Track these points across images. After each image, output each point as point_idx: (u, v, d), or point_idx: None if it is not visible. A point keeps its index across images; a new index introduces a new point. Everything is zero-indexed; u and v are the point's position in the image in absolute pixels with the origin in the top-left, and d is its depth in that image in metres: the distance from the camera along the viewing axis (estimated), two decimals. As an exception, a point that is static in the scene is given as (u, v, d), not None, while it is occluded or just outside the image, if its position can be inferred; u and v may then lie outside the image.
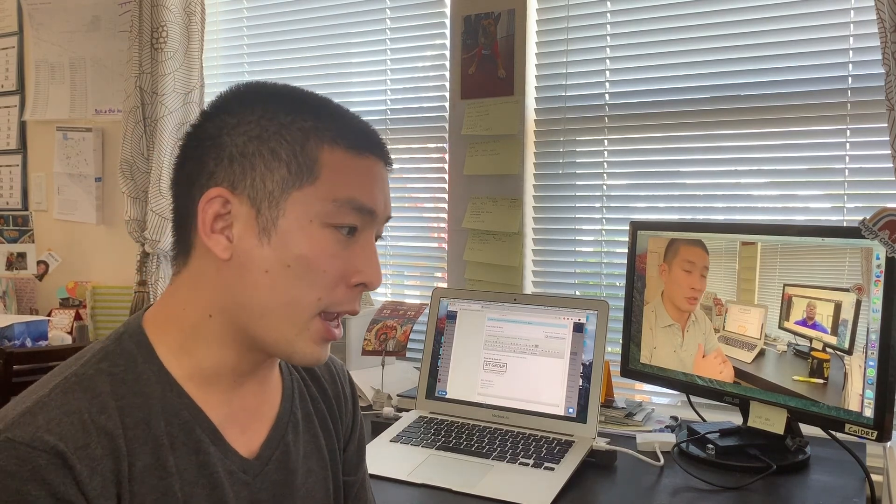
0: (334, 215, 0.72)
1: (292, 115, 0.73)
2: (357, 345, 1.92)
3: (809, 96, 1.70)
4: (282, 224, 0.71)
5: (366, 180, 0.75)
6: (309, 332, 0.73)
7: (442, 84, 2.15)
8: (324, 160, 0.72)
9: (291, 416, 0.84)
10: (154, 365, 0.73)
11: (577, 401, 1.47)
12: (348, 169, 0.74)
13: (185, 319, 0.75)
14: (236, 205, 0.72)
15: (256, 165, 0.72)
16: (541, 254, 2.03)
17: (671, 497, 1.28)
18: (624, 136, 1.91)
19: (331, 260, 0.72)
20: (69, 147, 2.79)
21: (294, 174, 0.72)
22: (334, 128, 0.74)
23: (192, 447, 0.72)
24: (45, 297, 2.82)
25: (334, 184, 0.72)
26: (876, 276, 1.27)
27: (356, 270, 0.74)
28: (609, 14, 1.91)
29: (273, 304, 0.72)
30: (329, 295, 0.73)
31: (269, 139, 0.72)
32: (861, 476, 1.34)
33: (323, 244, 0.72)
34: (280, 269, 0.71)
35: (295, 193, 0.72)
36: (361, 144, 0.75)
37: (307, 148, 0.72)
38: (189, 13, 2.36)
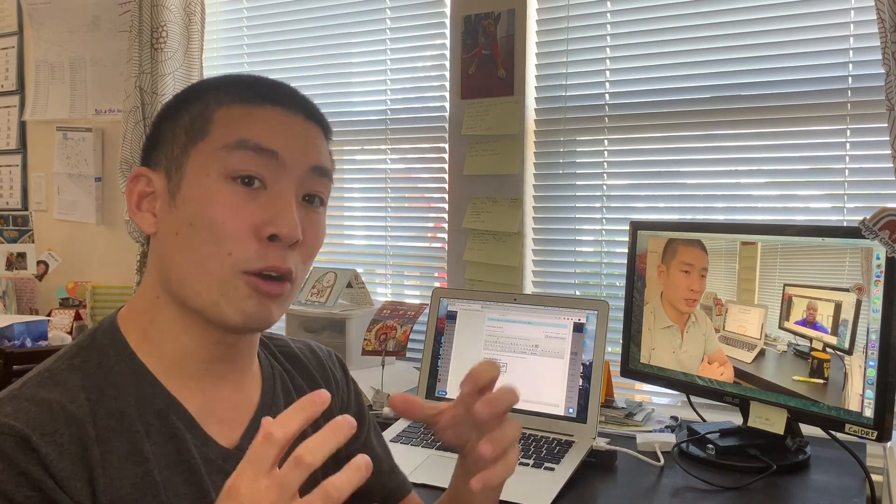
0: (230, 163, 0.71)
1: (202, 90, 0.77)
2: (357, 345, 1.92)
3: (809, 96, 1.70)
4: (184, 185, 0.73)
5: (262, 123, 0.73)
6: (236, 291, 0.71)
7: (442, 84, 2.15)
8: (218, 117, 0.74)
9: (273, 406, 0.84)
10: (126, 357, 0.74)
11: (577, 401, 1.47)
12: (241, 117, 0.74)
13: (143, 306, 0.77)
14: (156, 180, 0.75)
15: (167, 139, 0.75)
16: (541, 254, 2.03)
17: (671, 497, 1.28)
18: (624, 136, 1.91)
19: (230, 211, 0.71)
20: (69, 147, 2.79)
21: (190, 135, 0.74)
22: (235, 91, 0.75)
23: (167, 434, 0.72)
24: (45, 297, 2.82)
25: (224, 132, 0.73)
26: (876, 276, 1.27)
27: (266, 221, 0.71)
28: (609, 14, 1.91)
29: (187, 266, 0.72)
30: (239, 249, 0.71)
31: (176, 114, 0.76)
32: (861, 476, 1.34)
33: (221, 196, 0.71)
34: (186, 228, 0.72)
35: (192, 152, 0.73)
36: (260, 96, 0.75)
37: (205, 112, 0.74)
38: (189, 13, 2.36)
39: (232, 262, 0.71)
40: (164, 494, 0.70)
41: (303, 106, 0.78)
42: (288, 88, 0.78)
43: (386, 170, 2.27)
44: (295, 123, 0.76)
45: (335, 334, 1.97)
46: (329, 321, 1.99)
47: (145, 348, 0.75)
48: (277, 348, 0.91)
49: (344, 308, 2.03)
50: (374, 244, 2.30)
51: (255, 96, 0.75)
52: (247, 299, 0.72)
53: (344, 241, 2.37)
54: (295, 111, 0.76)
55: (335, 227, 2.38)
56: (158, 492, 0.70)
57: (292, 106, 0.76)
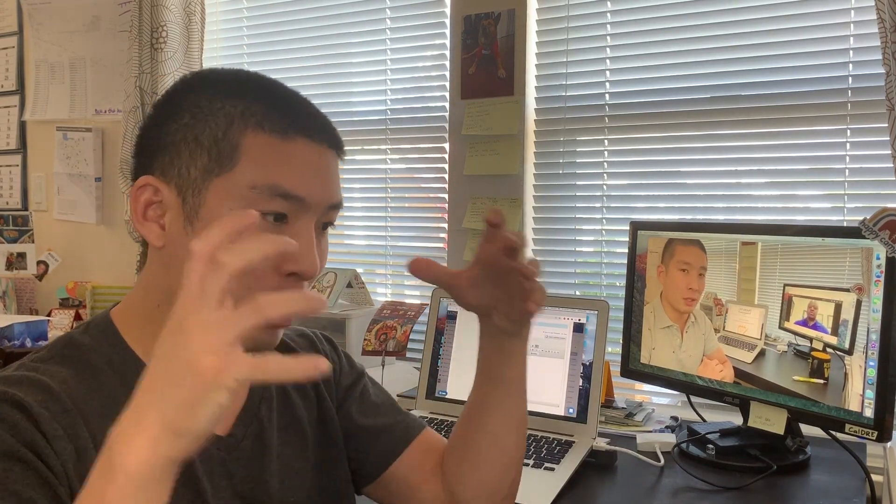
0: (255, 203, 0.70)
1: (222, 100, 0.72)
2: (357, 345, 1.92)
3: (809, 96, 1.70)
4: (203, 213, 0.71)
5: (291, 165, 0.72)
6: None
7: (442, 84, 2.15)
8: (245, 146, 0.71)
9: (265, 392, 0.85)
10: (120, 348, 0.75)
11: (577, 401, 1.47)
12: (271, 154, 0.71)
13: (142, 308, 0.77)
14: (166, 193, 0.72)
15: (182, 153, 0.72)
16: (541, 254, 2.03)
17: (671, 497, 1.28)
18: (624, 136, 1.91)
19: None
20: (69, 147, 2.79)
21: (214, 161, 0.71)
22: (261, 112, 0.72)
23: None
24: (45, 297, 2.82)
25: (255, 170, 0.70)
26: (876, 276, 1.27)
27: (288, 259, 0.71)
28: (609, 14, 1.91)
29: None
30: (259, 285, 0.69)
31: (196, 126, 0.72)
32: (861, 476, 1.34)
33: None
34: None
35: (215, 181, 0.71)
36: (289, 127, 0.72)
37: (229, 134, 0.71)
38: (189, 13, 2.36)
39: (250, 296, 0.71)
40: None
41: (328, 134, 0.76)
42: (316, 114, 0.76)
43: (386, 170, 2.27)
44: (321, 158, 0.75)
45: (335, 334, 1.96)
46: (329, 321, 1.99)
47: (141, 345, 0.76)
48: None
49: (344, 308, 2.03)
50: (374, 244, 2.30)
51: (284, 125, 0.72)
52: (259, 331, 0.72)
53: (344, 241, 2.37)
54: (321, 141, 0.75)
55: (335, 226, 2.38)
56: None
57: (320, 136, 0.75)
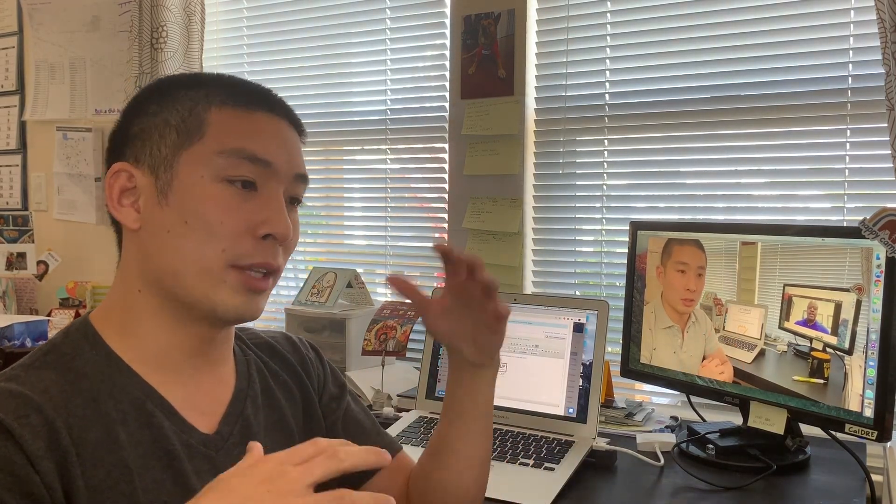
0: (225, 168, 0.75)
1: (185, 90, 0.78)
2: (357, 345, 1.92)
3: (809, 96, 1.69)
4: (176, 184, 0.75)
5: (256, 132, 0.77)
6: (226, 285, 0.75)
7: (442, 84, 2.15)
8: (211, 119, 0.76)
9: (250, 390, 0.86)
10: (102, 350, 0.76)
11: (577, 401, 1.47)
12: (236, 123, 0.76)
13: (122, 300, 0.78)
14: (139, 177, 0.77)
15: (153, 136, 0.77)
16: (541, 254, 2.03)
17: (671, 497, 1.28)
18: (624, 136, 1.91)
19: (227, 212, 0.74)
20: (69, 147, 2.79)
21: (183, 136, 0.76)
22: (224, 92, 0.78)
23: (143, 421, 0.74)
24: (45, 297, 2.82)
25: (221, 137, 0.75)
26: (876, 276, 1.27)
27: (262, 221, 0.75)
28: (609, 14, 1.91)
29: (181, 261, 0.74)
30: (234, 246, 0.74)
31: (162, 112, 0.77)
32: (861, 476, 1.34)
33: (217, 197, 0.74)
34: (179, 226, 0.74)
35: (185, 153, 0.75)
36: (252, 101, 0.78)
37: (195, 111, 0.76)
38: (189, 13, 2.36)
39: (225, 258, 0.74)
40: (140, 480, 0.71)
41: (286, 112, 0.82)
42: (272, 93, 0.82)
43: (386, 170, 2.27)
44: (283, 130, 0.80)
45: (335, 334, 1.97)
46: (329, 321, 1.99)
47: (123, 343, 0.77)
48: (249, 339, 0.94)
49: (344, 308, 2.03)
50: (374, 244, 2.30)
51: (247, 101, 0.78)
52: (237, 295, 0.76)
53: (344, 241, 2.37)
54: (281, 117, 0.80)
55: (335, 227, 2.38)
56: (132, 478, 0.71)
57: (279, 112, 0.80)
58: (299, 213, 0.84)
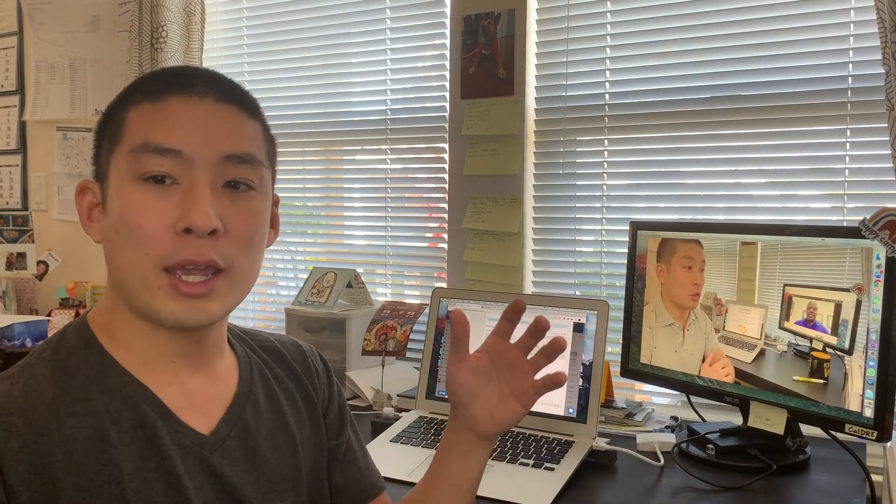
0: (136, 167, 0.72)
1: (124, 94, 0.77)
2: (357, 345, 1.92)
3: (809, 96, 1.69)
4: (109, 192, 0.75)
5: (164, 121, 0.73)
6: (161, 292, 0.73)
7: (442, 84, 2.15)
8: (128, 119, 0.75)
9: (251, 394, 0.85)
10: (96, 350, 0.76)
11: (577, 401, 1.47)
12: (145, 118, 0.74)
13: (107, 309, 0.79)
14: (97, 191, 0.77)
15: (99, 149, 0.78)
16: (541, 254, 2.03)
17: (671, 497, 1.28)
18: (624, 136, 1.91)
19: (142, 213, 0.72)
20: (69, 147, 2.79)
21: (109, 142, 0.76)
22: (141, 87, 0.76)
23: (136, 421, 0.73)
24: (45, 297, 2.82)
25: (132, 135, 0.74)
26: (876, 276, 1.27)
27: (178, 217, 0.72)
28: (609, 14, 1.91)
29: (122, 271, 0.74)
30: (155, 248, 0.72)
31: (104, 122, 0.77)
32: (861, 476, 1.34)
33: (135, 198, 0.72)
34: (114, 234, 0.74)
35: (112, 159, 0.75)
36: (162, 90, 0.74)
37: (117, 115, 0.76)
38: (189, 13, 2.36)
39: (151, 262, 0.72)
40: (130, 481, 0.71)
41: (214, 88, 0.76)
42: (199, 72, 0.77)
43: (386, 170, 2.27)
44: (202, 111, 0.74)
45: (335, 334, 1.97)
46: (329, 321, 1.99)
47: (115, 346, 0.77)
48: (257, 342, 0.92)
49: (344, 308, 2.03)
50: (374, 244, 2.30)
51: (162, 89, 0.74)
52: (173, 302, 0.73)
53: (344, 241, 2.37)
54: (203, 95, 0.75)
55: (335, 227, 2.38)
56: (122, 478, 0.70)
57: (200, 90, 0.75)
58: (300, 211, 0.83)
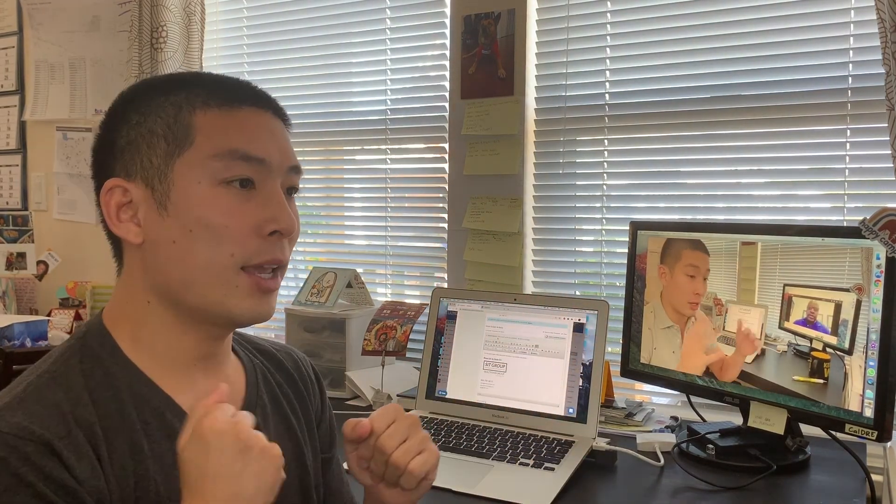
0: (220, 171, 0.74)
1: (165, 94, 0.77)
2: (357, 345, 1.92)
3: (809, 96, 1.69)
4: (174, 194, 0.74)
5: (244, 130, 0.76)
6: (239, 290, 0.75)
7: (442, 84, 2.15)
8: (197, 124, 0.75)
9: (258, 399, 0.86)
10: (119, 359, 0.75)
11: (577, 401, 1.47)
12: (223, 124, 0.76)
13: (132, 312, 0.77)
14: (134, 190, 0.75)
15: (141, 148, 0.76)
16: (541, 254, 2.03)
17: (671, 497, 1.28)
18: (624, 136, 1.91)
19: (230, 215, 0.74)
20: (69, 147, 2.79)
21: (172, 144, 0.75)
22: (204, 93, 0.77)
23: (164, 432, 0.74)
24: (45, 297, 2.82)
25: (212, 141, 0.75)
26: (876, 276, 1.27)
27: (266, 219, 0.75)
28: (609, 14, 1.91)
29: (190, 271, 0.74)
30: (242, 249, 0.74)
31: (146, 122, 0.76)
32: (861, 476, 1.34)
33: (217, 201, 0.74)
34: (184, 235, 0.74)
35: (178, 162, 0.74)
36: (233, 99, 0.77)
37: (180, 118, 0.75)
38: (189, 13, 2.36)
39: (234, 262, 0.74)
40: (164, 491, 0.71)
41: (270, 103, 0.81)
42: (253, 86, 0.81)
43: (386, 170, 2.27)
44: (270, 123, 0.79)
45: (335, 334, 1.97)
46: (329, 321, 1.99)
47: (136, 350, 0.76)
48: (255, 347, 0.93)
49: (344, 308, 2.03)
50: (374, 244, 2.30)
51: (230, 98, 0.77)
52: (249, 298, 0.76)
53: (344, 241, 2.37)
54: (266, 108, 0.79)
55: (335, 227, 2.38)
56: (159, 489, 0.71)
57: (263, 104, 0.79)
58: (299, 211, 0.84)
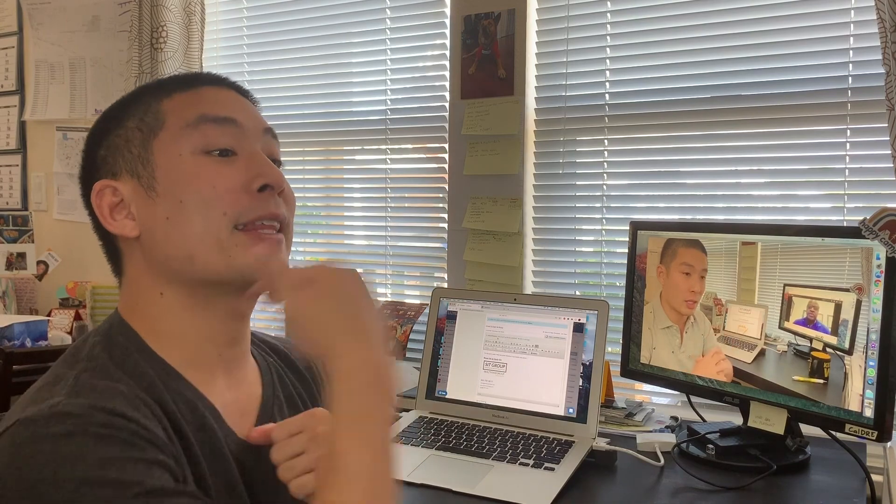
0: (199, 140, 0.75)
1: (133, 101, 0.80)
2: (357, 345, 1.92)
3: (809, 96, 1.69)
4: (159, 173, 0.76)
5: (209, 100, 0.79)
6: (238, 247, 0.75)
7: (442, 84, 2.15)
8: (165, 108, 0.78)
9: (275, 399, 0.86)
10: (147, 353, 0.75)
11: (577, 401, 1.47)
12: (189, 100, 0.78)
13: (147, 308, 0.77)
14: (122, 186, 0.77)
15: (119, 146, 0.78)
16: (541, 254, 2.03)
17: (671, 497, 1.28)
18: (624, 136, 1.91)
19: (215, 178, 0.75)
20: (69, 147, 2.79)
21: (146, 131, 0.77)
22: (167, 85, 0.80)
23: (197, 424, 0.74)
24: (45, 297, 2.82)
25: (181, 116, 0.77)
26: (876, 276, 1.27)
27: (253, 176, 0.76)
28: (609, 14, 1.91)
29: (189, 241, 0.74)
30: (232, 207, 0.74)
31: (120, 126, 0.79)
32: (861, 476, 1.34)
33: (200, 169, 0.75)
34: (176, 208, 0.74)
35: (155, 143, 0.76)
36: (194, 82, 0.81)
37: (150, 110, 0.78)
38: (189, 13, 2.36)
39: (227, 221, 0.74)
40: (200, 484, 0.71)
41: (230, 83, 0.83)
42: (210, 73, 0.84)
43: (386, 170, 2.27)
44: (234, 96, 0.82)
45: (335, 334, 1.97)
46: (329, 321, 1.98)
47: (160, 344, 0.76)
48: (267, 345, 0.93)
49: (344, 308, 2.03)
50: (374, 244, 2.30)
51: (189, 82, 0.80)
52: (252, 247, 0.75)
53: (344, 241, 2.37)
54: (227, 87, 0.82)
55: (335, 227, 2.38)
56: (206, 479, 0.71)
57: (223, 83, 0.82)
58: (300, 211, 0.83)
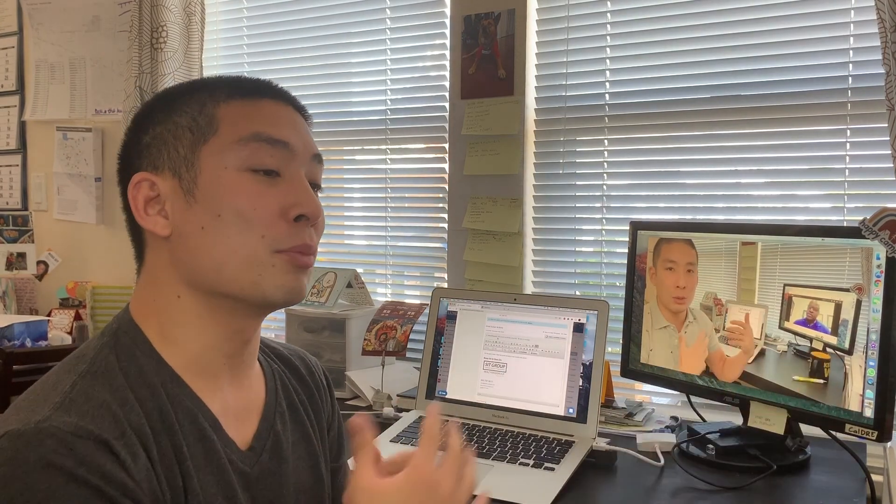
0: (247, 157, 0.75)
1: (189, 95, 0.79)
2: (357, 345, 1.92)
3: (809, 96, 1.69)
4: (201, 180, 0.75)
5: (267, 116, 0.78)
6: (274, 269, 0.75)
7: (442, 84, 2.15)
8: (221, 114, 0.76)
9: (278, 406, 0.85)
10: (153, 357, 0.74)
11: (577, 401, 1.47)
12: (246, 112, 0.77)
13: (160, 309, 0.77)
14: (161, 182, 0.76)
15: (167, 141, 0.76)
16: (541, 254, 2.03)
17: (671, 497, 1.28)
18: (624, 136, 1.91)
19: (257, 198, 0.74)
20: (69, 147, 2.79)
21: (198, 134, 0.76)
22: (227, 88, 0.79)
23: (197, 435, 0.73)
24: (45, 297, 2.82)
25: (236, 127, 0.76)
26: (876, 276, 1.27)
27: (292, 204, 0.76)
28: (609, 14, 1.91)
29: (222, 255, 0.74)
30: (271, 231, 0.75)
31: (170, 119, 0.77)
32: (861, 476, 1.34)
33: (244, 186, 0.74)
34: (213, 220, 0.74)
35: (204, 149, 0.75)
36: (255, 91, 0.79)
37: (204, 111, 0.77)
38: (189, 13, 2.36)
39: (265, 244, 0.74)
40: (203, 494, 0.71)
41: (289, 98, 0.82)
42: (272, 83, 0.82)
43: (386, 170, 2.27)
44: (291, 114, 0.81)
45: (335, 334, 1.97)
46: (329, 321, 1.99)
47: (166, 347, 0.75)
48: (271, 351, 0.93)
49: (344, 308, 2.03)
50: (374, 244, 2.30)
51: (251, 91, 0.79)
52: (285, 275, 0.76)
53: (344, 241, 2.37)
54: (287, 103, 0.81)
55: (335, 227, 2.38)
56: (198, 491, 0.71)
57: (283, 98, 0.81)
58: None
